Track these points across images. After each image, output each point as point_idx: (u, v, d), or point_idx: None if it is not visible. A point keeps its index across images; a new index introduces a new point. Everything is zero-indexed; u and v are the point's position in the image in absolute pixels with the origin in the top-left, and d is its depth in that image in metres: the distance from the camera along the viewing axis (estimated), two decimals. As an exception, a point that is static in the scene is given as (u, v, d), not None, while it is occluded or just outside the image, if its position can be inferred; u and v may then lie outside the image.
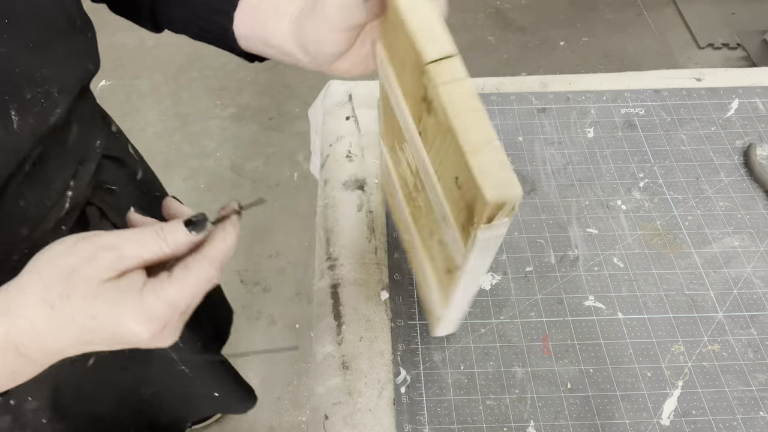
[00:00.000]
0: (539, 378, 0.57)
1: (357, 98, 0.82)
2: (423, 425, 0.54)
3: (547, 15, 2.40)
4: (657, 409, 0.55)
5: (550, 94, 0.84)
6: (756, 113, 0.81)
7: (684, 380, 0.57)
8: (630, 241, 0.67)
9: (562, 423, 0.54)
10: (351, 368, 0.58)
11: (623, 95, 0.83)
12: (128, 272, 0.34)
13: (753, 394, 0.56)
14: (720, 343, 0.59)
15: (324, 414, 0.56)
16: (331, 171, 0.76)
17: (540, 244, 0.67)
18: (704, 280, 0.64)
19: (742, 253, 0.66)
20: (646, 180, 0.73)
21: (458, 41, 0.38)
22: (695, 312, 0.62)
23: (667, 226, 0.69)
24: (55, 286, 0.33)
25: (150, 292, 0.34)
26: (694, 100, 0.83)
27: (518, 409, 0.55)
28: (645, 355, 0.58)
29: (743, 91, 0.84)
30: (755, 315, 0.61)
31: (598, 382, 0.57)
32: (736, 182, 0.73)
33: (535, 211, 0.70)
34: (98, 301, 0.33)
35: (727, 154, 0.76)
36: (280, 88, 2.11)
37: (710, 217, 0.70)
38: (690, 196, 0.72)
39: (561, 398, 0.56)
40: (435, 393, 0.56)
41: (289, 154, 1.92)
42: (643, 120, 0.80)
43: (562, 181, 0.73)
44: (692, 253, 0.66)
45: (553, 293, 0.62)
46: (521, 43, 2.29)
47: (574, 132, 0.79)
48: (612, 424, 0.54)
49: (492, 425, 0.54)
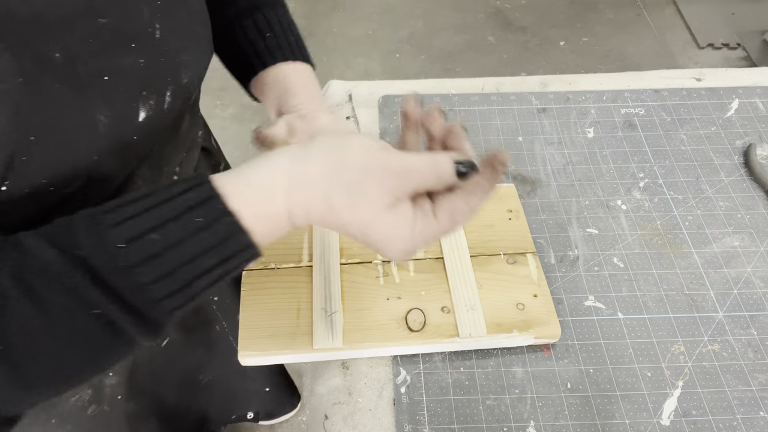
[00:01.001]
0: (539, 378, 0.57)
1: (357, 98, 0.82)
2: (423, 425, 0.54)
3: (547, 15, 2.40)
4: (657, 409, 0.55)
5: (550, 94, 0.84)
6: (756, 113, 0.81)
7: (684, 380, 0.57)
8: (630, 241, 0.67)
9: (562, 423, 0.54)
10: (351, 368, 0.58)
11: (623, 95, 0.83)
12: (401, 198, 0.36)
13: (753, 394, 0.56)
14: (720, 343, 0.59)
15: (324, 414, 0.56)
16: (331, 171, 0.76)
17: (540, 244, 0.67)
18: (704, 280, 0.64)
19: (742, 253, 0.66)
20: (646, 180, 0.73)
21: (458, 41, 0.38)
22: (695, 312, 0.62)
23: (667, 226, 0.69)
24: (342, 195, 0.34)
25: (421, 230, 0.37)
26: (694, 100, 0.83)
27: (518, 409, 0.55)
28: (645, 355, 0.58)
29: (743, 91, 0.84)
30: (755, 315, 0.61)
31: (598, 382, 0.57)
32: (736, 182, 0.73)
33: (535, 211, 0.70)
34: (378, 225, 0.35)
35: (727, 154, 0.76)
36: (280, 88, 2.11)
37: (710, 217, 0.70)
38: (690, 196, 0.72)
39: (561, 398, 0.56)
40: (435, 393, 0.56)
41: (289, 154, 1.92)
42: (643, 120, 0.80)
43: (562, 181, 0.73)
44: (692, 253, 0.66)
45: (553, 293, 0.62)
46: (521, 43, 2.29)
47: (574, 132, 0.79)
48: (612, 424, 0.54)
49: (492, 425, 0.54)
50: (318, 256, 0.61)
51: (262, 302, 0.58)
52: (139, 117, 0.40)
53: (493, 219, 0.65)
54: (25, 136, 0.33)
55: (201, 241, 0.31)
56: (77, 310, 0.29)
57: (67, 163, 0.36)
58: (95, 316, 0.29)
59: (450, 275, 0.60)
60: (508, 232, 0.64)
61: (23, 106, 0.32)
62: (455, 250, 0.62)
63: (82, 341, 0.30)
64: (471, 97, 0.83)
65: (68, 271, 0.29)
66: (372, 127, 0.79)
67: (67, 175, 0.37)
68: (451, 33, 2.32)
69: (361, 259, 0.61)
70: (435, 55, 2.23)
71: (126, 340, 0.31)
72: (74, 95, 0.35)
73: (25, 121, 0.33)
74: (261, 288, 0.59)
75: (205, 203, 0.31)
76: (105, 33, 0.36)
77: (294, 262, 0.61)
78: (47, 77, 0.33)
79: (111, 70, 0.37)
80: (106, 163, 0.39)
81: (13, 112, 0.32)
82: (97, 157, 0.38)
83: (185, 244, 0.31)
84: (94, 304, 0.29)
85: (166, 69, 0.41)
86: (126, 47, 0.37)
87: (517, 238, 0.64)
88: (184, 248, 0.30)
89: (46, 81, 0.33)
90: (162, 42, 0.40)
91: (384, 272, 0.60)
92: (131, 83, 0.38)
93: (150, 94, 0.40)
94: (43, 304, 0.28)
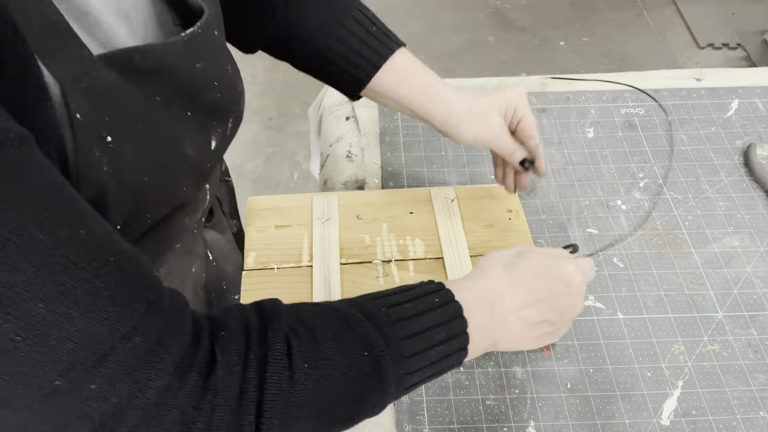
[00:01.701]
0: (539, 378, 0.57)
1: (357, 98, 0.82)
2: (423, 425, 0.54)
3: (547, 15, 2.40)
4: (657, 409, 0.55)
5: (550, 94, 0.84)
6: (756, 113, 0.81)
7: (684, 380, 0.57)
8: (630, 241, 0.67)
9: (562, 423, 0.54)
10: (351, 368, 0.58)
11: (623, 95, 0.83)
12: None
13: (753, 394, 0.56)
14: (720, 343, 0.59)
15: (324, 414, 0.56)
16: (331, 171, 0.76)
17: (540, 244, 0.67)
18: (704, 280, 0.64)
19: (742, 253, 0.66)
20: (646, 180, 0.73)
21: (458, 41, 0.38)
22: (695, 312, 0.62)
23: (667, 226, 0.69)
24: (510, 254, 0.46)
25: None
26: (694, 100, 0.83)
27: (518, 409, 0.55)
28: (645, 355, 0.58)
29: (743, 91, 0.84)
30: (755, 315, 0.61)
31: (598, 382, 0.57)
32: (736, 182, 0.73)
33: (535, 211, 0.70)
34: (546, 257, 0.46)
35: (727, 154, 0.76)
36: (280, 88, 2.11)
37: (710, 217, 0.70)
38: (690, 196, 0.72)
39: (561, 398, 0.55)
40: (435, 393, 0.56)
41: (289, 154, 1.92)
42: (643, 120, 0.80)
43: (562, 181, 0.73)
44: (692, 253, 0.66)
45: (553, 293, 0.62)
46: (521, 43, 2.29)
47: (574, 132, 0.79)
48: (612, 424, 0.54)
49: (492, 425, 0.54)
50: (318, 256, 0.61)
51: None
52: (211, 146, 0.44)
53: (493, 219, 0.65)
54: (141, 177, 0.37)
55: (436, 316, 0.40)
56: (361, 353, 0.36)
57: (167, 197, 0.41)
58: (369, 358, 0.36)
59: (450, 275, 0.60)
60: (508, 232, 0.64)
61: (143, 148, 0.36)
62: (455, 250, 0.62)
63: (358, 379, 0.36)
64: (471, 97, 0.83)
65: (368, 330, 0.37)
66: (372, 127, 0.79)
67: (163, 209, 0.42)
68: (451, 33, 2.32)
69: (361, 259, 0.61)
70: (435, 55, 2.23)
71: (384, 388, 0.37)
72: (170, 134, 0.39)
73: (143, 162, 0.36)
74: (261, 288, 0.59)
75: (441, 293, 0.42)
76: (200, 75, 0.40)
77: (294, 262, 0.61)
78: (155, 121, 0.37)
79: (195, 107, 0.41)
80: (188, 191, 0.44)
81: (138, 154, 0.35)
82: (185, 188, 0.43)
83: (426, 315, 0.39)
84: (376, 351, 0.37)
85: (231, 100, 0.45)
86: (211, 85, 0.41)
87: (517, 238, 0.64)
88: (424, 317, 0.39)
89: (154, 124, 0.37)
90: (231, 76, 0.45)
91: (384, 272, 0.60)
92: (207, 116, 0.43)
93: (218, 124, 0.44)
94: (344, 348, 0.36)
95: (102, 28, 0.34)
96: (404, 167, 0.75)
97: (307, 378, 0.33)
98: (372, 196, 0.67)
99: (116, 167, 0.34)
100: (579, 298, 0.46)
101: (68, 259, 0.26)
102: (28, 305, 0.25)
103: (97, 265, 0.27)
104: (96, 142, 0.33)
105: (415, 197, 0.67)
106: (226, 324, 0.34)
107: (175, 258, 0.52)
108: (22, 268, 0.24)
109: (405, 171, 0.74)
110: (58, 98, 0.30)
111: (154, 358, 0.29)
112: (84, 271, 0.26)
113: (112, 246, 0.29)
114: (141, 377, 0.28)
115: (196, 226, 0.54)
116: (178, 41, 0.37)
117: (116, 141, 0.34)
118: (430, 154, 0.76)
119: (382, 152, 0.76)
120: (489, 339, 0.43)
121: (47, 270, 0.25)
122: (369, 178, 0.74)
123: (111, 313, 0.27)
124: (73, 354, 0.26)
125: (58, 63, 0.30)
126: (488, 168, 0.75)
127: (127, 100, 0.35)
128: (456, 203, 0.66)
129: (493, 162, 0.64)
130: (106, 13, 0.35)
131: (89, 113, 0.32)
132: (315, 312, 0.37)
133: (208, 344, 0.32)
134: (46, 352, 0.25)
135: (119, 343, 0.27)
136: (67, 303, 0.26)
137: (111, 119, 0.33)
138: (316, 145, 0.92)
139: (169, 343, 0.30)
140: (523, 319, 0.44)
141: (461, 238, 0.63)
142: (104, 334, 0.27)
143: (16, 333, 0.25)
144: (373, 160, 0.76)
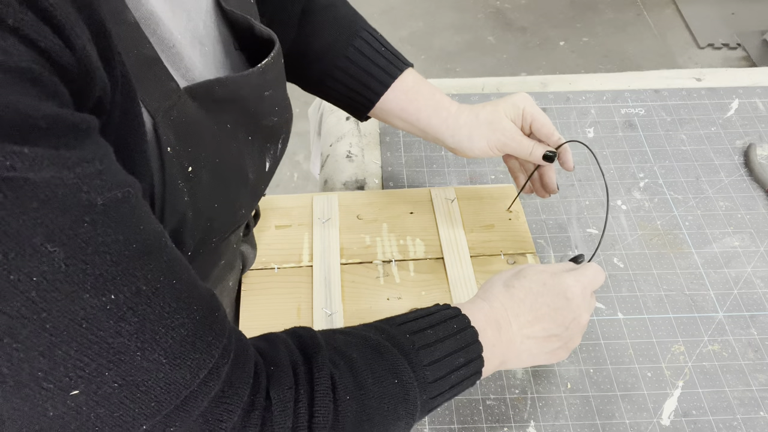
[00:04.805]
0: (539, 378, 0.57)
1: (357, 98, 0.82)
2: (423, 425, 0.54)
3: (547, 15, 2.40)
4: (657, 409, 0.55)
5: (550, 94, 0.84)
6: (756, 113, 0.81)
7: (684, 380, 0.57)
8: (630, 241, 0.67)
9: (562, 423, 0.54)
10: (351, 368, 0.58)
11: (623, 95, 0.84)
12: None
13: (753, 394, 0.56)
14: (720, 343, 0.59)
15: (324, 414, 0.56)
16: (331, 171, 0.76)
17: (540, 244, 0.67)
18: (704, 280, 0.64)
19: (742, 253, 0.66)
20: (646, 180, 0.73)
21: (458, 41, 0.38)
22: (695, 312, 0.62)
23: (667, 226, 0.69)
24: (509, 275, 0.48)
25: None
26: (694, 100, 0.83)
27: (518, 409, 0.55)
28: (645, 355, 0.58)
29: (743, 91, 0.84)
30: (755, 315, 0.61)
31: (598, 382, 0.57)
32: (736, 182, 0.73)
33: (535, 211, 0.70)
34: (545, 273, 0.47)
35: (727, 154, 0.76)
36: (280, 88, 2.11)
37: (710, 217, 0.70)
38: (690, 196, 0.72)
39: (561, 398, 0.56)
40: (435, 393, 0.56)
41: (289, 154, 1.92)
42: (643, 120, 0.80)
43: (562, 181, 0.73)
44: (692, 253, 0.66)
45: (553, 293, 0.62)
46: (521, 43, 2.29)
47: (574, 132, 0.79)
48: (612, 424, 0.54)
49: (492, 425, 0.54)
50: (318, 256, 0.61)
51: (262, 302, 0.58)
52: (266, 167, 0.45)
53: (493, 219, 0.65)
54: (213, 203, 0.38)
55: (455, 342, 0.41)
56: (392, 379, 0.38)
57: (231, 220, 0.42)
58: (399, 386, 0.38)
59: (450, 275, 0.60)
60: (508, 233, 0.64)
61: (216, 175, 0.37)
62: (455, 250, 0.62)
63: (391, 406, 0.37)
64: (471, 97, 0.83)
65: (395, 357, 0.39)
66: (372, 127, 0.79)
67: (227, 232, 0.43)
68: (451, 33, 2.32)
69: (361, 259, 0.61)
70: (435, 54, 2.23)
71: (411, 413, 0.38)
72: (236, 159, 0.40)
73: (216, 189, 0.37)
74: (261, 288, 0.59)
75: (459, 319, 0.43)
76: (266, 102, 0.41)
77: (294, 262, 0.61)
78: (225, 147, 0.38)
79: (256, 131, 0.42)
80: (246, 213, 0.45)
81: (212, 181, 0.36)
82: (244, 210, 0.43)
83: (446, 342, 0.41)
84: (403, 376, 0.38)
85: (284, 122, 0.46)
86: (273, 111, 0.43)
87: (517, 238, 0.64)
88: (445, 344, 0.41)
89: (224, 151, 0.38)
90: (288, 100, 0.46)
91: (384, 272, 0.60)
92: (264, 139, 0.44)
93: (271, 146, 0.45)
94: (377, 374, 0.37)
95: (183, 59, 0.35)
96: (404, 167, 0.75)
97: (348, 409, 0.35)
98: (372, 197, 0.67)
99: (194, 196, 0.35)
100: (582, 310, 0.46)
101: (164, 309, 0.27)
102: (131, 356, 0.25)
103: (185, 314, 0.28)
104: (180, 173, 0.33)
105: (415, 197, 0.67)
106: (274, 359, 0.35)
107: (217, 273, 0.53)
108: (130, 319, 0.25)
109: (405, 171, 0.74)
110: (151, 133, 0.30)
111: (226, 400, 0.30)
112: (174, 320, 0.27)
113: (196, 292, 0.30)
114: (213, 418, 0.30)
115: (236, 241, 0.55)
116: (255, 72, 0.38)
117: (195, 170, 0.34)
118: (430, 154, 0.76)
119: (382, 152, 0.76)
120: (498, 359, 0.44)
121: (148, 321, 0.26)
122: (369, 178, 0.74)
123: (194, 359, 0.28)
124: (160, 399, 0.27)
125: (151, 97, 0.30)
126: (488, 168, 0.75)
127: (205, 129, 0.35)
128: (456, 203, 0.66)
129: (512, 174, 0.63)
130: (185, 43, 0.35)
131: (176, 145, 0.32)
132: (348, 342, 0.38)
133: (265, 382, 0.33)
134: (137, 399, 0.26)
135: (198, 387, 0.29)
136: (159, 351, 0.27)
137: (193, 150, 0.34)
138: (317, 145, 0.92)
139: (237, 384, 0.31)
140: (529, 337, 0.45)
141: (461, 239, 0.63)
142: (187, 380, 0.28)
143: (114, 380, 0.25)
144: (373, 160, 0.76)
